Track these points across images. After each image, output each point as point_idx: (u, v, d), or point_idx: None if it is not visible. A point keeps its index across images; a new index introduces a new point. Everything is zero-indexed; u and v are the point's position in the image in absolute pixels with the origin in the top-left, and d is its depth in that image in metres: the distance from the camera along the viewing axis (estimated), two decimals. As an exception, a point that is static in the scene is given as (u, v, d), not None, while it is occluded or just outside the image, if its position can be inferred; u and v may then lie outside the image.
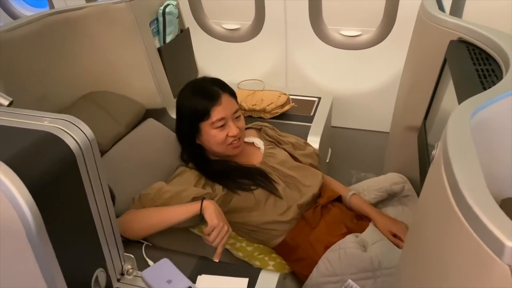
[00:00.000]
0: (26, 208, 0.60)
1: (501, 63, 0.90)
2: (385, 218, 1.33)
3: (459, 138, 0.58)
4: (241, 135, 1.32)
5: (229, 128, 1.29)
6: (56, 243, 0.68)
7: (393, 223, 1.31)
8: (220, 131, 1.29)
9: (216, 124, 1.28)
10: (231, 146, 1.31)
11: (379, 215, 1.34)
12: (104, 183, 0.84)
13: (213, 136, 1.29)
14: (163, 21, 1.69)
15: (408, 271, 0.75)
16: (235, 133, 1.29)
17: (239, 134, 1.30)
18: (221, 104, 1.28)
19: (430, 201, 0.65)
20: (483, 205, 0.47)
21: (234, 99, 1.34)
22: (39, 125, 0.74)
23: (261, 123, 1.55)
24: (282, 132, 1.54)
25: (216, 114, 1.27)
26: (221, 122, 1.28)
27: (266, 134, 1.48)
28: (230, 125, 1.29)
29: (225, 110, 1.28)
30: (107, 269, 0.89)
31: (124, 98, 1.64)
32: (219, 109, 1.27)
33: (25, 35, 1.35)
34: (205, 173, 1.32)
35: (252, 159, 1.40)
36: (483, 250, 0.45)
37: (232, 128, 1.29)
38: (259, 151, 1.43)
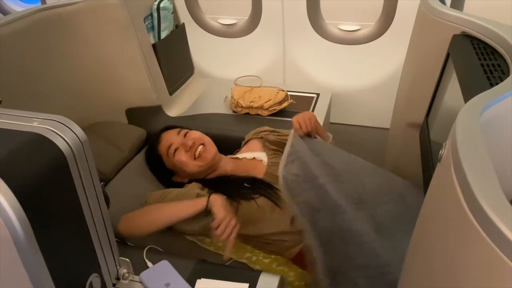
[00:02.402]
0: (13, 215, 0.57)
1: (507, 57, 0.87)
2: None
3: (469, 138, 0.55)
4: (201, 143, 1.35)
5: (183, 144, 1.32)
6: (46, 250, 0.65)
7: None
8: (178, 153, 1.33)
9: (169, 152, 1.33)
10: (199, 158, 1.32)
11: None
12: (98, 185, 0.81)
13: (176, 160, 1.32)
14: (157, 17, 1.65)
15: (414, 275, 0.72)
16: (190, 143, 1.32)
17: (196, 143, 1.33)
18: (162, 139, 1.38)
19: (438, 202, 0.63)
20: (497, 208, 0.45)
21: (174, 129, 1.41)
22: (27, 126, 0.71)
23: (261, 130, 1.51)
24: (284, 129, 1.51)
25: (162, 147, 1.36)
26: (172, 148, 1.33)
27: (268, 143, 1.45)
28: (182, 143, 1.33)
29: (167, 139, 1.36)
30: (101, 274, 0.86)
31: (124, 125, 1.66)
32: (162, 143, 1.36)
33: (16, 31, 1.31)
34: (207, 186, 1.32)
35: (255, 173, 1.36)
36: (496, 255, 0.43)
37: (185, 142, 1.32)
38: (262, 163, 1.39)
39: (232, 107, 1.80)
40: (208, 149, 1.34)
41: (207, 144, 1.35)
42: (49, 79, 1.44)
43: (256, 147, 1.46)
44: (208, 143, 1.36)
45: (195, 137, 1.35)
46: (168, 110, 1.74)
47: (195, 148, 1.33)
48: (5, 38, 1.27)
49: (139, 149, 1.57)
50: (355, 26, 1.94)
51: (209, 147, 1.35)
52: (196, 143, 1.33)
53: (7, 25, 1.29)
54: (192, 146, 1.32)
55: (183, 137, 1.35)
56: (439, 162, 0.64)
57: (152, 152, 1.40)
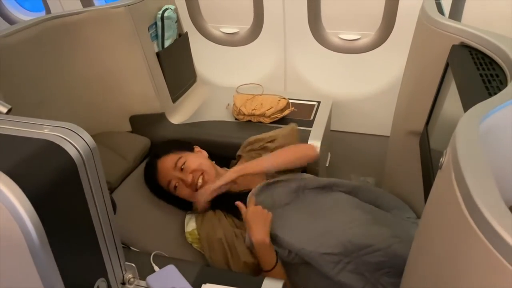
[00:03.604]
0: (27, 219, 0.59)
1: (505, 68, 0.90)
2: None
3: (470, 146, 0.57)
4: (200, 174, 1.31)
5: (183, 180, 1.30)
6: (57, 253, 0.66)
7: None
8: (179, 189, 1.32)
9: (170, 189, 1.32)
10: (198, 194, 1.30)
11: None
12: (105, 191, 0.82)
13: (181, 197, 1.32)
14: (161, 26, 1.68)
15: (416, 281, 0.73)
16: (190, 180, 1.29)
17: (195, 177, 1.30)
18: (159, 173, 1.34)
19: (439, 209, 0.64)
20: (497, 214, 0.46)
21: (169, 155, 1.35)
22: (39, 133, 0.72)
23: (248, 143, 1.54)
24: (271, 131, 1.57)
25: (162, 183, 1.33)
26: (172, 184, 1.31)
27: (252, 155, 1.47)
28: (181, 178, 1.30)
29: (164, 174, 1.33)
30: (108, 279, 0.87)
31: (128, 134, 1.67)
32: (160, 178, 1.34)
33: (22, 40, 1.33)
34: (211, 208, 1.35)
35: (255, 185, 1.36)
36: (498, 260, 0.44)
37: (185, 177, 1.30)
38: (261, 175, 1.40)
39: (234, 114, 1.82)
40: (208, 176, 1.32)
41: (206, 171, 1.33)
42: (54, 87, 1.45)
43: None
44: (207, 169, 1.34)
45: (193, 169, 1.32)
46: (171, 118, 1.76)
47: (196, 183, 1.31)
48: (11, 47, 1.28)
49: (143, 158, 1.58)
50: (356, 35, 1.96)
51: (209, 173, 1.33)
52: (195, 176, 1.31)
53: (14, 35, 1.31)
54: (192, 181, 1.30)
55: (180, 170, 1.31)
56: (440, 170, 0.65)
57: (153, 183, 1.38)
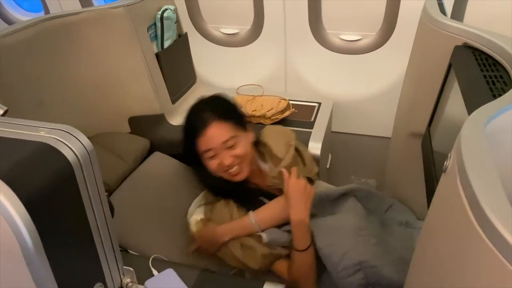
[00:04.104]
0: (21, 224, 0.57)
1: (509, 69, 0.88)
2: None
3: (475, 149, 0.56)
4: (239, 162, 1.20)
5: (222, 158, 1.19)
6: (53, 259, 0.65)
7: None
8: (211, 161, 1.20)
9: (205, 154, 1.20)
10: (229, 174, 1.22)
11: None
12: (103, 194, 0.81)
13: (206, 164, 1.22)
14: (161, 26, 1.67)
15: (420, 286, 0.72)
16: (227, 163, 1.18)
17: (234, 163, 1.19)
18: (205, 135, 1.17)
19: (443, 213, 0.63)
20: (505, 220, 0.45)
21: (227, 125, 1.19)
22: (35, 135, 0.71)
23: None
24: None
25: (201, 145, 1.19)
26: (210, 153, 1.19)
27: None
28: (221, 156, 1.18)
29: (211, 142, 1.17)
30: (105, 283, 0.86)
31: (127, 135, 1.66)
32: (204, 140, 1.18)
33: (21, 40, 1.32)
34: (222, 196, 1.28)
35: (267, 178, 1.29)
36: (506, 267, 0.43)
37: (223, 159, 1.18)
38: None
39: (234, 115, 1.81)
40: (242, 170, 1.22)
41: (245, 161, 1.23)
42: (52, 88, 1.44)
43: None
44: (247, 159, 1.23)
45: (237, 155, 1.20)
46: (170, 119, 1.75)
47: (230, 169, 1.21)
48: (9, 48, 1.27)
49: (142, 159, 1.57)
50: (357, 36, 1.95)
51: (244, 167, 1.22)
52: (234, 162, 1.20)
53: (11, 35, 1.30)
54: (228, 165, 1.20)
55: (225, 149, 1.19)
56: (444, 173, 0.64)
57: (186, 135, 1.24)
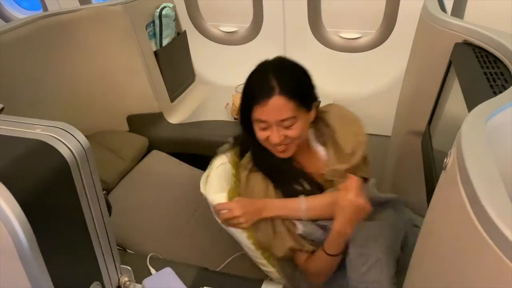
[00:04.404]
0: (16, 223, 0.57)
1: (509, 66, 0.88)
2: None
3: (475, 146, 0.55)
4: (289, 142, 1.12)
5: (272, 133, 1.09)
6: (48, 258, 0.64)
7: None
8: (261, 131, 1.10)
9: (257, 123, 1.10)
10: (274, 149, 1.13)
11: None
12: (100, 192, 0.80)
13: (256, 132, 1.12)
14: (159, 24, 1.66)
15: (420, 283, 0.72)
16: (274, 141, 1.09)
17: (283, 142, 1.10)
18: (266, 106, 1.05)
19: (443, 211, 0.63)
20: (505, 217, 0.45)
21: (290, 103, 1.06)
22: (31, 133, 0.70)
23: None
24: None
25: (256, 113, 1.08)
26: (262, 124, 1.09)
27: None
28: (272, 131, 1.08)
29: (267, 115, 1.07)
30: (103, 282, 0.85)
31: (126, 134, 1.65)
32: (262, 110, 1.06)
33: (18, 38, 1.32)
34: (262, 168, 1.20)
35: (320, 165, 1.20)
36: (506, 265, 0.43)
37: (272, 136, 1.09)
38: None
39: (233, 114, 1.81)
40: (288, 149, 1.13)
41: (292, 144, 1.13)
42: (50, 86, 1.44)
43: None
44: (295, 142, 1.13)
45: (289, 136, 1.10)
46: (169, 117, 1.74)
47: (277, 147, 1.13)
48: (6, 45, 1.27)
49: (141, 157, 1.57)
50: (356, 34, 1.95)
51: (291, 147, 1.13)
52: (282, 143, 1.11)
53: (9, 32, 1.29)
54: (275, 143, 1.11)
55: (279, 126, 1.09)
56: (444, 171, 0.63)
57: (246, 96, 1.12)
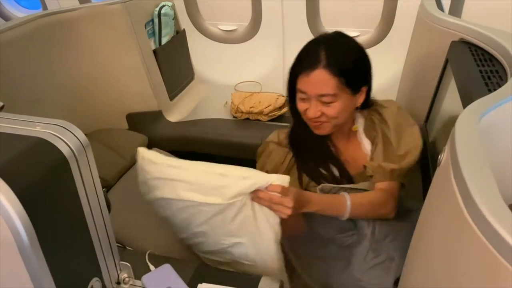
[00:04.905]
0: (17, 219, 0.57)
1: (505, 64, 0.89)
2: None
3: (469, 143, 0.56)
4: (325, 121, 1.08)
5: (309, 107, 1.07)
6: (49, 254, 0.65)
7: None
8: (302, 102, 1.08)
9: (298, 93, 1.08)
10: (310, 122, 1.11)
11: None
12: (99, 189, 0.81)
13: (297, 103, 1.10)
14: (158, 23, 1.66)
15: (414, 278, 0.72)
16: (310, 116, 1.07)
17: (318, 119, 1.07)
18: (308, 77, 1.03)
19: (437, 207, 0.64)
20: (496, 212, 0.46)
21: (334, 80, 1.03)
22: (30, 130, 0.71)
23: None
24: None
25: (300, 83, 1.06)
26: (303, 95, 1.07)
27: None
28: (311, 104, 1.06)
29: (309, 87, 1.04)
30: (102, 279, 0.86)
31: (126, 131, 1.66)
32: (304, 81, 1.04)
33: (18, 37, 1.32)
34: (294, 143, 1.18)
35: (359, 156, 1.17)
36: (496, 258, 0.43)
37: (310, 109, 1.06)
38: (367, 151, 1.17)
39: (232, 112, 1.81)
40: (323, 127, 1.10)
41: (328, 123, 1.09)
42: (50, 85, 1.44)
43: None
44: (331, 122, 1.09)
45: (326, 114, 1.07)
46: (168, 115, 1.75)
47: (312, 121, 1.09)
48: (6, 44, 1.27)
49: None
50: (355, 32, 1.95)
51: (326, 127, 1.10)
52: (317, 119, 1.08)
53: (8, 31, 1.29)
54: (310, 117, 1.08)
55: (318, 100, 1.06)
56: (438, 167, 0.64)
57: (293, 66, 1.09)
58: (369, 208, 1.09)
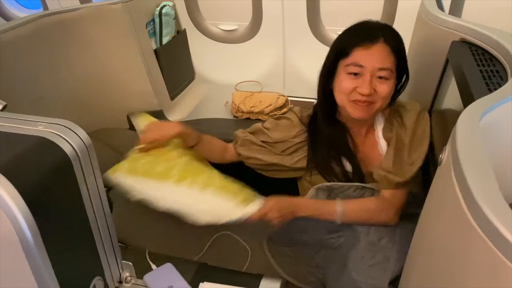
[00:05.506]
0: (21, 217, 0.58)
1: (505, 64, 0.89)
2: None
3: (470, 142, 0.56)
4: (373, 100, 1.04)
5: (361, 83, 1.02)
6: (52, 252, 0.66)
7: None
8: (350, 79, 1.04)
9: (350, 68, 1.03)
10: (353, 103, 1.05)
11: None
12: (102, 189, 0.81)
13: (341, 81, 1.05)
14: (159, 22, 1.67)
15: (415, 277, 0.73)
16: (364, 91, 1.02)
17: (369, 97, 1.03)
18: (369, 49, 1.01)
19: (438, 206, 0.64)
20: (497, 211, 0.46)
21: (392, 57, 1.02)
22: (33, 130, 0.72)
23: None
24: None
25: (355, 56, 1.02)
26: (356, 69, 1.02)
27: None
28: (364, 80, 1.02)
29: (368, 59, 1.01)
30: (105, 278, 0.87)
31: (127, 131, 1.66)
32: (363, 53, 1.01)
33: (19, 37, 1.32)
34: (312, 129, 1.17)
35: (374, 155, 1.16)
36: (497, 257, 0.44)
37: (364, 85, 1.01)
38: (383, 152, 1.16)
39: (233, 112, 1.81)
40: (367, 110, 1.06)
41: (375, 105, 1.06)
42: (51, 84, 1.45)
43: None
44: (378, 104, 1.05)
45: (379, 92, 1.03)
46: (169, 115, 1.75)
47: (363, 99, 1.04)
48: (8, 44, 1.28)
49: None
50: (355, 32, 1.95)
51: (370, 109, 1.06)
52: (368, 98, 1.03)
53: (10, 31, 1.30)
54: (363, 94, 1.03)
55: (376, 76, 1.02)
56: (439, 166, 0.65)
57: (343, 40, 1.07)
58: (365, 215, 1.10)
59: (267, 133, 1.22)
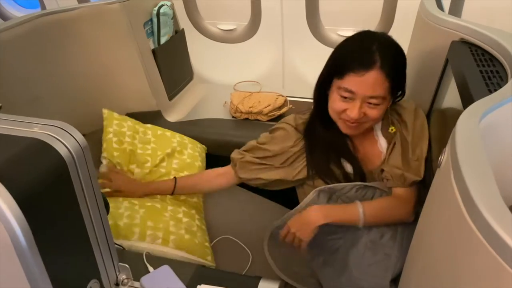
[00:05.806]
0: (13, 221, 0.57)
1: (505, 64, 0.88)
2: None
3: (469, 144, 0.56)
4: (363, 121, 1.06)
5: (352, 107, 1.02)
6: (46, 256, 0.65)
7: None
8: (341, 101, 1.04)
9: (341, 91, 1.02)
10: (343, 122, 1.07)
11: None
12: (98, 191, 0.81)
13: (333, 100, 1.06)
14: (157, 22, 1.66)
15: (414, 281, 0.72)
16: (352, 116, 1.02)
17: (358, 120, 1.04)
18: (361, 77, 0.99)
19: (437, 208, 0.63)
20: (497, 214, 0.45)
21: (386, 83, 1.00)
22: (28, 131, 0.71)
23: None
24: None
25: (348, 81, 1.01)
26: (347, 94, 1.02)
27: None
28: (354, 105, 1.02)
29: (360, 87, 0.99)
30: (101, 280, 0.86)
31: None
32: (355, 80, 0.99)
33: (17, 36, 1.32)
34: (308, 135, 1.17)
35: (373, 154, 1.16)
36: (496, 261, 0.43)
37: (353, 110, 1.02)
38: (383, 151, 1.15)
39: (231, 112, 1.81)
40: (357, 128, 1.08)
41: (365, 125, 1.08)
42: (48, 84, 1.44)
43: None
44: (368, 123, 1.08)
45: (369, 116, 1.04)
46: (167, 115, 1.74)
47: (351, 122, 1.06)
48: (5, 43, 1.27)
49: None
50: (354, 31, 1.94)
51: (360, 128, 1.08)
52: (357, 120, 1.05)
53: (7, 30, 1.29)
54: (349, 119, 1.05)
55: (364, 101, 1.02)
56: (439, 168, 0.64)
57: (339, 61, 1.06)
58: (386, 213, 1.08)
59: (264, 148, 1.21)
